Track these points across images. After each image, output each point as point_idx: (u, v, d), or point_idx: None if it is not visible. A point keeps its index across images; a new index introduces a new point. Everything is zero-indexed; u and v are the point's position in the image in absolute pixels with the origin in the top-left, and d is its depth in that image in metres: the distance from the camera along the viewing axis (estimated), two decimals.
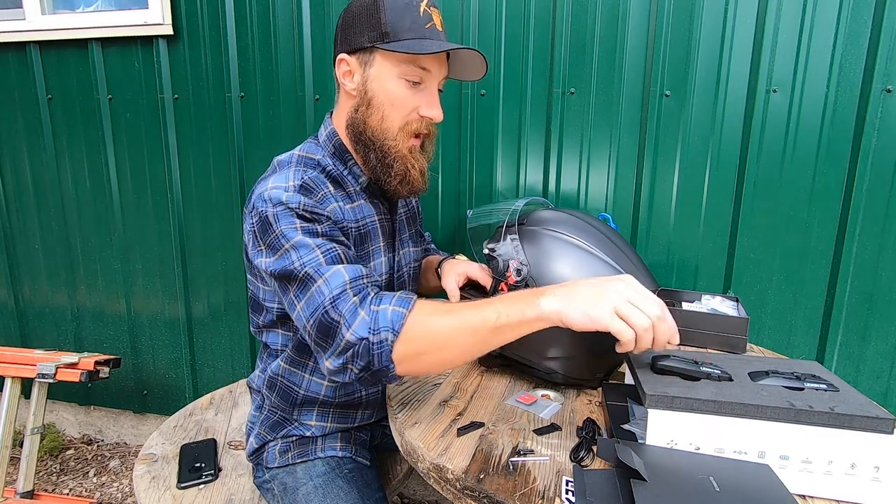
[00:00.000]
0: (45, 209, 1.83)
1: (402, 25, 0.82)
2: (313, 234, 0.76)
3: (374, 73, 0.85)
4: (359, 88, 0.86)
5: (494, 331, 0.67)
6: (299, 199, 0.77)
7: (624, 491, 0.57)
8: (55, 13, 1.69)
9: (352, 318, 0.68)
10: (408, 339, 0.68)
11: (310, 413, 1.00)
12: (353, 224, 0.88)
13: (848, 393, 0.65)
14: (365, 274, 0.74)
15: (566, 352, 0.85)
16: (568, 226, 0.89)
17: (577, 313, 0.64)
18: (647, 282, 0.86)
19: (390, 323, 0.68)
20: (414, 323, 0.68)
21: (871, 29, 1.13)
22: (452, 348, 0.69)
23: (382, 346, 0.67)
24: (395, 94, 0.85)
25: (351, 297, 0.70)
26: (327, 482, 0.91)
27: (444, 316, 0.69)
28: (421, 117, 0.87)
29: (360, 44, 0.84)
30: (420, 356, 0.69)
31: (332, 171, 0.89)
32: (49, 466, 1.89)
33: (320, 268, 0.72)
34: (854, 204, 1.19)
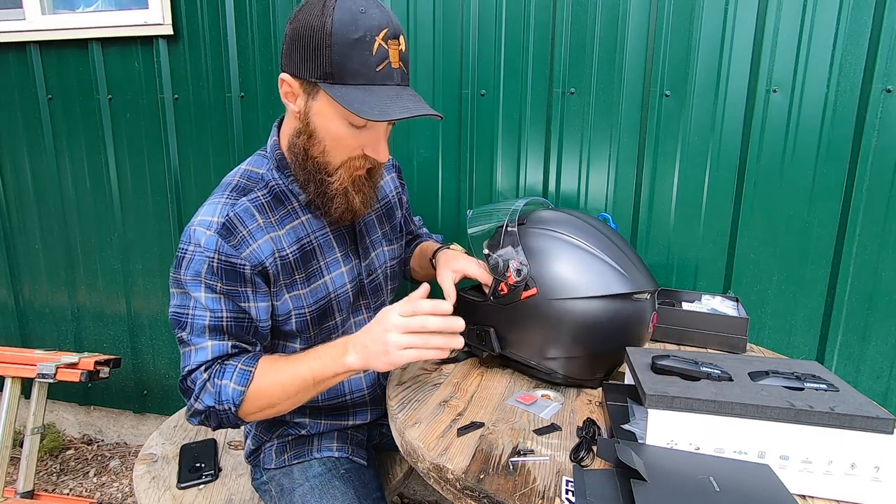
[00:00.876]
0: (45, 209, 1.83)
1: (350, 67, 0.73)
2: (211, 291, 0.81)
3: (316, 107, 0.79)
4: (301, 115, 0.81)
5: (315, 385, 0.81)
6: (216, 243, 0.80)
7: (624, 491, 0.57)
8: (55, 13, 1.69)
9: (199, 392, 0.80)
10: (247, 405, 0.80)
11: (301, 415, 1.01)
12: (290, 248, 0.86)
13: (848, 393, 0.65)
14: (227, 354, 0.82)
15: (566, 352, 0.85)
16: (568, 226, 0.89)
17: (379, 364, 0.76)
18: (647, 282, 0.86)
19: (230, 397, 0.80)
20: (250, 395, 0.80)
21: (871, 29, 1.13)
22: (284, 402, 0.83)
23: (227, 413, 0.81)
24: (338, 135, 0.80)
25: (202, 374, 0.81)
26: (324, 483, 0.91)
27: (272, 382, 0.81)
28: (364, 155, 0.83)
29: (303, 74, 0.76)
30: (260, 412, 0.83)
31: (275, 186, 0.87)
32: (49, 466, 1.89)
33: (198, 336, 0.81)
34: (854, 204, 1.19)
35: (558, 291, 0.83)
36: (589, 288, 0.83)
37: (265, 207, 0.85)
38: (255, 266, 0.82)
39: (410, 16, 1.39)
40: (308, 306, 0.89)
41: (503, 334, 0.90)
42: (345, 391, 0.99)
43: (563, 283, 0.83)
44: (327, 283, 0.91)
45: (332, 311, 0.93)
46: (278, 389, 0.81)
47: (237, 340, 0.83)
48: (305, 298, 0.89)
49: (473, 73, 1.38)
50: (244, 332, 0.84)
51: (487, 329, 0.91)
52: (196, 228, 0.81)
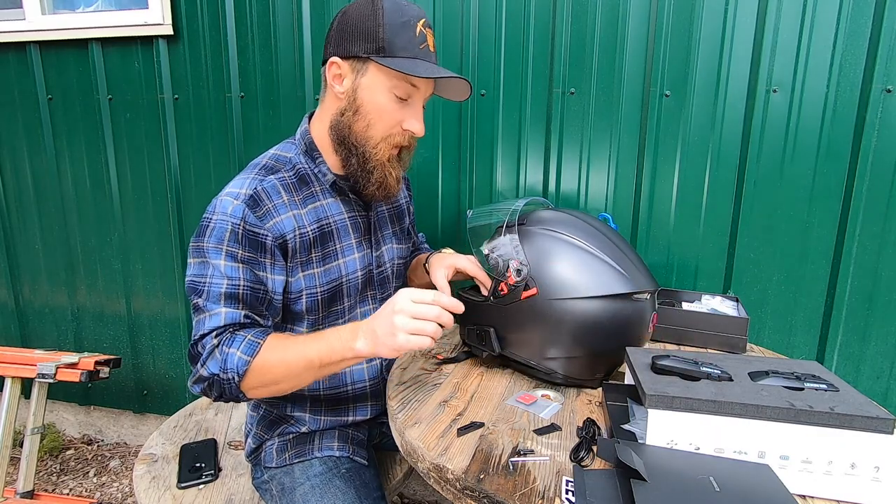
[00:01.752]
0: (45, 209, 1.83)
1: (399, 43, 0.85)
2: (232, 258, 0.83)
3: (365, 82, 0.87)
4: (348, 93, 0.89)
5: (320, 369, 0.81)
6: (242, 212, 0.83)
7: (624, 491, 0.57)
8: (55, 13, 1.69)
9: (206, 357, 0.81)
10: (250, 377, 0.80)
11: (301, 409, 1.01)
12: (310, 226, 0.91)
13: (848, 393, 0.65)
14: (238, 323, 0.83)
15: (566, 352, 0.85)
16: (568, 226, 0.89)
17: (385, 350, 0.77)
18: (647, 282, 0.86)
19: (235, 367, 0.79)
20: (254, 367, 0.80)
21: (871, 29, 1.13)
22: (287, 381, 0.83)
23: (230, 383, 0.80)
24: (383, 107, 0.88)
25: (212, 340, 0.81)
26: (324, 482, 0.91)
27: (278, 359, 0.81)
28: (403, 130, 0.91)
29: (355, 52, 0.86)
30: (262, 388, 0.83)
31: (301, 168, 0.93)
32: (49, 466, 1.89)
33: (213, 302, 0.83)
34: (854, 204, 1.19)
35: (558, 291, 0.83)
36: (589, 288, 0.83)
37: (290, 187, 0.90)
38: (276, 238, 0.85)
39: None
40: (320, 286, 0.93)
41: (503, 334, 0.90)
42: (346, 382, 1.00)
43: (563, 284, 0.83)
44: (340, 266, 0.95)
45: (342, 295, 0.97)
46: (283, 367, 0.81)
47: (251, 310, 0.84)
48: (319, 278, 0.92)
49: (473, 73, 1.38)
50: (259, 303, 0.86)
51: (487, 329, 0.91)
52: (224, 198, 0.85)
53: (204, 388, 0.83)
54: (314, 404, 1.02)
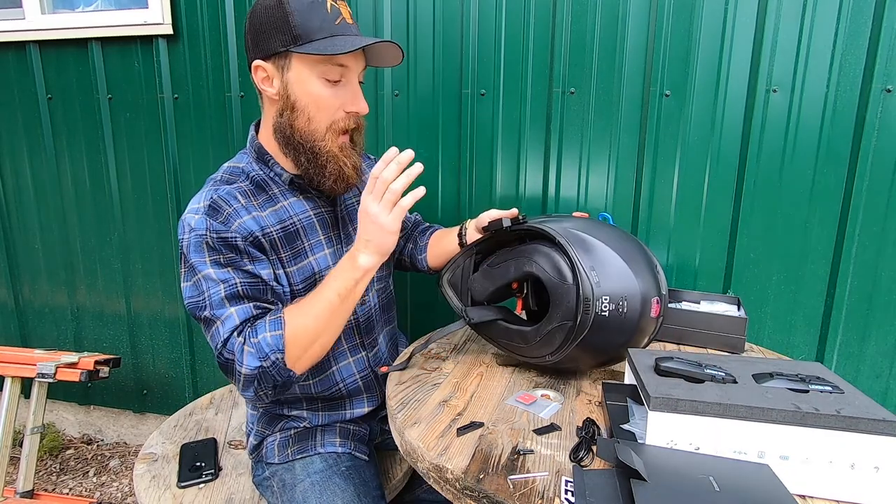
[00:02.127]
0: (45, 209, 1.83)
1: (313, 25, 0.82)
2: (217, 265, 0.83)
3: (292, 76, 0.85)
4: (280, 93, 0.87)
5: (343, 302, 0.83)
6: (205, 223, 0.83)
7: (624, 491, 0.57)
8: (55, 13, 1.69)
9: (241, 357, 0.80)
10: (290, 348, 0.81)
11: (299, 409, 1.02)
12: (274, 227, 0.90)
13: (852, 395, 0.65)
14: (252, 315, 0.83)
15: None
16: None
17: (388, 238, 0.81)
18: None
19: (273, 346, 0.80)
20: (289, 337, 0.81)
21: (871, 29, 1.13)
22: (325, 333, 0.84)
23: (277, 365, 0.80)
24: (318, 95, 0.86)
25: (237, 339, 0.81)
26: (324, 479, 0.91)
27: (304, 317, 0.82)
28: (347, 114, 0.89)
29: (274, 49, 0.84)
30: (305, 353, 0.83)
31: (256, 175, 0.92)
32: (49, 466, 1.89)
33: (219, 308, 0.82)
34: (854, 204, 1.19)
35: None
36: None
37: (248, 193, 0.90)
38: (245, 237, 0.85)
39: (410, 16, 1.39)
40: (295, 284, 0.92)
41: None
42: (336, 380, 1.00)
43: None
44: (312, 263, 0.94)
45: None
46: (312, 320, 0.82)
47: (258, 302, 0.85)
48: (293, 276, 0.92)
49: (473, 73, 1.38)
50: (262, 294, 0.86)
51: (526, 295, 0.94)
52: (186, 217, 0.86)
53: (255, 387, 0.81)
54: (311, 404, 1.02)
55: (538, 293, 0.96)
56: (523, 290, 0.96)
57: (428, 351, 1.03)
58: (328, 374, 0.99)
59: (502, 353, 1.00)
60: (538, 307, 0.96)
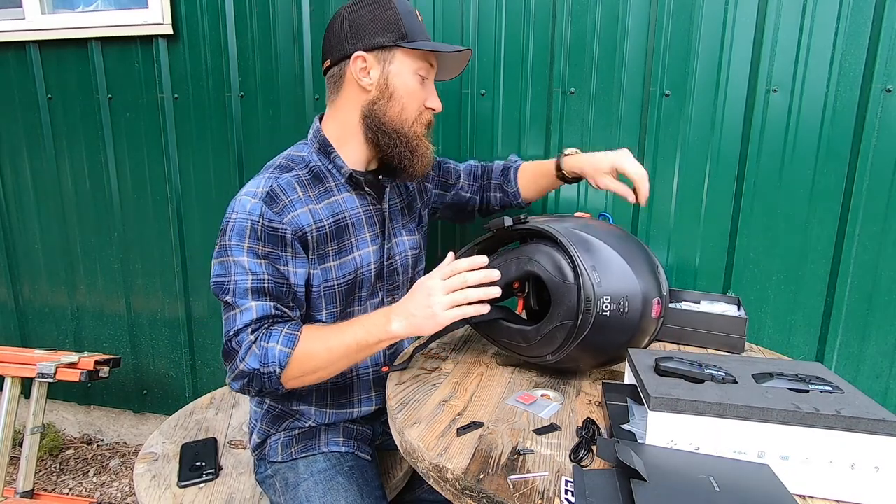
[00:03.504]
0: (45, 209, 1.83)
1: (414, 28, 0.94)
2: (254, 254, 0.86)
3: (394, 69, 0.94)
4: (378, 83, 0.94)
5: (358, 351, 0.85)
6: (260, 209, 0.86)
7: (624, 491, 0.57)
8: (55, 13, 1.69)
9: (245, 353, 0.83)
10: (291, 368, 0.83)
11: (307, 403, 1.02)
12: (327, 220, 0.93)
13: (852, 395, 0.65)
14: (270, 315, 0.85)
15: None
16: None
17: (427, 327, 0.81)
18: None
19: (277, 360, 0.82)
20: (296, 358, 0.83)
21: (871, 29, 1.13)
22: (327, 369, 0.86)
23: (271, 377, 0.83)
24: (412, 88, 0.96)
25: (249, 335, 0.83)
26: (328, 478, 0.92)
27: (318, 346, 0.84)
28: (426, 108, 0.99)
29: (380, 43, 0.92)
30: (302, 378, 0.85)
31: (315, 166, 0.96)
32: (49, 466, 1.89)
33: (241, 297, 0.85)
34: (854, 204, 1.19)
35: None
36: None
37: (305, 183, 0.93)
38: (295, 231, 0.88)
39: None
40: (337, 279, 0.95)
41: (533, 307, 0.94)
42: (351, 368, 1.01)
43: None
44: (356, 258, 0.97)
45: (357, 287, 0.99)
46: (325, 353, 0.84)
47: (278, 303, 0.87)
48: (335, 271, 0.95)
49: (473, 73, 1.38)
50: (284, 296, 0.88)
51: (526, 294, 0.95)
52: (242, 198, 0.88)
53: (243, 384, 0.85)
54: (320, 398, 1.02)
55: (539, 293, 0.96)
56: (524, 290, 0.96)
57: (428, 351, 1.03)
58: None
59: (502, 353, 1.00)
60: (539, 307, 0.96)
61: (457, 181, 1.22)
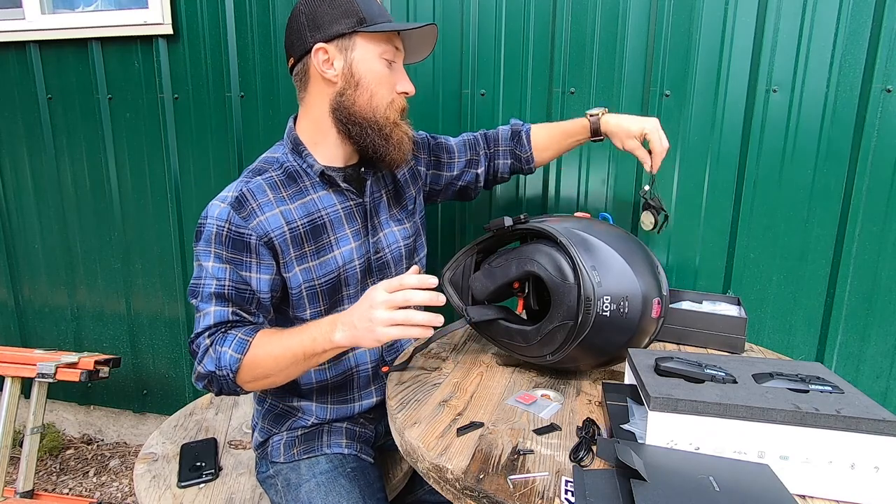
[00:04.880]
0: (45, 209, 1.83)
1: (373, 12, 0.91)
2: (218, 259, 0.87)
3: (357, 55, 0.91)
4: (343, 73, 0.92)
5: (305, 360, 0.84)
6: (227, 214, 0.87)
7: (624, 491, 0.57)
8: (55, 13, 1.69)
9: (202, 356, 0.85)
10: (243, 372, 0.84)
11: (308, 400, 1.02)
12: (301, 221, 0.92)
13: (852, 395, 0.65)
14: (227, 321, 0.86)
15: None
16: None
17: (367, 342, 0.79)
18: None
19: (228, 364, 0.83)
20: (245, 364, 0.83)
21: (871, 29, 1.13)
22: (278, 374, 0.86)
23: (226, 380, 0.84)
24: (380, 73, 0.93)
25: (206, 339, 0.86)
26: (330, 480, 0.92)
27: (266, 354, 0.84)
28: (399, 94, 0.96)
29: (339, 31, 0.90)
30: (255, 382, 0.86)
31: (290, 166, 0.96)
32: (49, 466, 1.89)
33: (205, 302, 0.87)
34: (854, 204, 1.19)
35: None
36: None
37: (278, 184, 0.93)
38: (261, 237, 0.88)
39: (410, 16, 1.39)
40: (318, 279, 0.94)
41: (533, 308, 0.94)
42: (351, 365, 1.02)
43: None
44: (337, 257, 0.96)
45: (343, 285, 0.98)
46: (271, 361, 0.84)
47: (238, 308, 0.88)
48: (315, 271, 0.94)
49: (473, 73, 1.38)
50: (244, 302, 0.89)
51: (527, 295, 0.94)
52: (213, 203, 0.90)
53: (204, 384, 0.87)
54: (321, 395, 1.02)
55: (539, 293, 0.96)
56: (524, 290, 0.96)
57: (428, 351, 1.03)
58: (344, 359, 1.01)
59: (502, 353, 1.00)
60: (539, 307, 0.96)
61: (451, 158, 1.18)
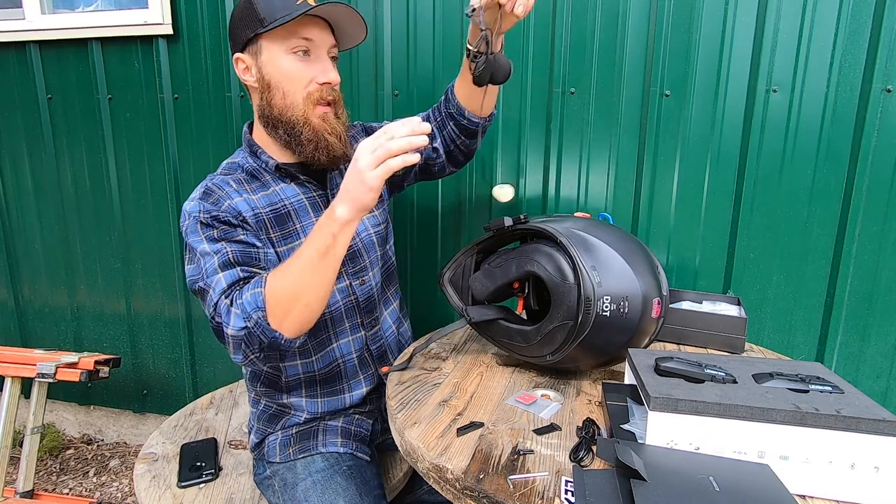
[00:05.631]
0: (45, 209, 1.83)
1: (275, 7, 0.89)
2: (211, 240, 0.88)
3: (265, 58, 0.92)
4: (258, 78, 0.93)
5: (322, 259, 0.80)
6: (199, 205, 0.90)
7: (624, 491, 0.57)
8: (55, 13, 1.69)
9: (227, 318, 0.82)
10: (272, 307, 0.80)
11: (298, 395, 1.02)
12: (264, 209, 0.95)
13: (853, 395, 0.65)
14: (240, 278, 0.84)
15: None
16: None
17: (365, 194, 0.76)
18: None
19: (254, 304, 0.80)
20: (269, 294, 0.80)
21: (871, 29, 1.13)
22: (308, 291, 0.82)
23: (260, 325, 0.80)
24: (288, 69, 0.91)
25: (224, 301, 0.83)
26: (326, 478, 0.92)
27: (285, 274, 0.82)
28: (320, 85, 0.93)
29: (246, 38, 0.92)
30: (290, 313, 0.81)
31: (249, 166, 0.98)
32: (49, 466, 1.89)
33: (211, 276, 0.85)
34: (854, 204, 1.19)
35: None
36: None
37: (241, 181, 0.96)
38: (236, 216, 0.90)
39: (410, 16, 1.39)
40: None
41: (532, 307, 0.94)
42: (336, 356, 1.02)
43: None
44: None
45: None
46: (291, 277, 0.82)
47: (247, 266, 0.87)
48: (284, 256, 0.94)
49: None
50: (252, 260, 0.88)
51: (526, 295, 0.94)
52: (185, 205, 0.92)
53: (244, 351, 0.83)
54: (310, 387, 1.03)
55: (539, 293, 0.96)
56: (524, 290, 0.96)
57: (428, 351, 1.03)
58: (328, 351, 1.01)
59: (502, 353, 1.00)
60: (539, 307, 0.96)
61: None
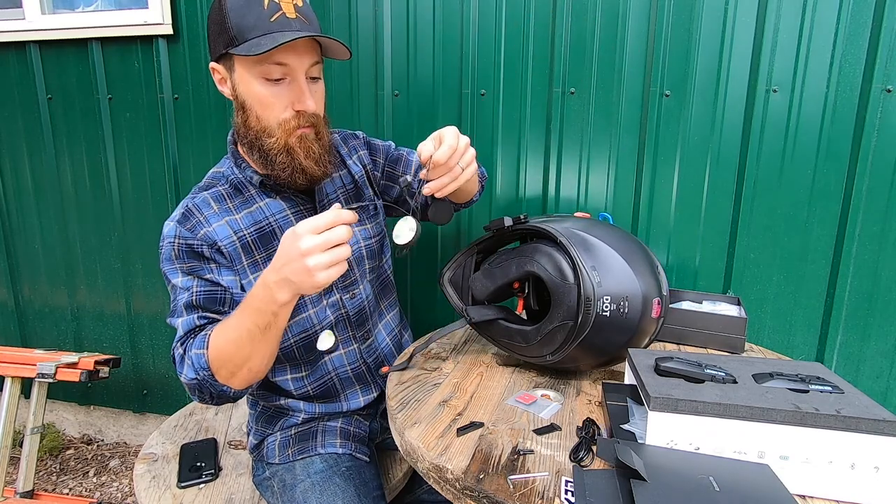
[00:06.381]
0: (45, 209, 1.83)
1: (247, 24, 0.80)
2: (183, 273, 0.87)
3: (237, 77, 0.85)
4: (232, 93, 0.88)
5: (264, 332, 0.78)
6: (176, 229, 0.87)
7: (624, 491, 0.57)
8: (55, 13, 1.69)
9: (181, 366, 0.83)
10: (217, 369, 0.80)
11: (295, 401, 1.02)
12: (248, 229, 0.92)
13: (853, 395, 0.65)
14: (195, 326, 0.84)
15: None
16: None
17: (309, 290, 0.73)
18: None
19: (200, 363, 0.80)
20: (212, 357, 0.80)
21: (871, 29, 1.13)
22: (253, 358, 0.80)
23: (208, 381, 0.81)
24: (262, 95, 0.84)
25: (179, 349, 0.84)
26: (324, 479, 0.92)
27: (226, 342, 0.79)
28: (297, 112, 0.86)
29: (219, 50, 0.84)
30: (235, 375, 0.81)
31: (234, 178, 0.94)
32: (49, 466, 1.89)
33: (178, 316, 0.86)
34: (854, 204, 1.19)
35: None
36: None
37: (223, 196, 0.93)
38: (210, 245, 0.88)
39: (410, 16, 1.39)
40: None
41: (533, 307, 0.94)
42: (329, 370, 1.01)
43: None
44: None
45: None
46: (234, 346, 0.79)
47: (208, 312, 0.86)
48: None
49: (473, 73, 1.38)
50: (217, 304, 0.87)
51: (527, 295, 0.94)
52: (165, 224, 0.90)
53: (198, 395, 0.84)
54: (306, 400, 1.03)
55: (539, 293, 0.96)
56: (524, 290, 0.97)
57: (428, 351, 1.03)
58: (320, 365, 1.00)
59: (502, 353, 1.00)
60: (539, 307, 0.96)
61: (405, 174, 1.08)
